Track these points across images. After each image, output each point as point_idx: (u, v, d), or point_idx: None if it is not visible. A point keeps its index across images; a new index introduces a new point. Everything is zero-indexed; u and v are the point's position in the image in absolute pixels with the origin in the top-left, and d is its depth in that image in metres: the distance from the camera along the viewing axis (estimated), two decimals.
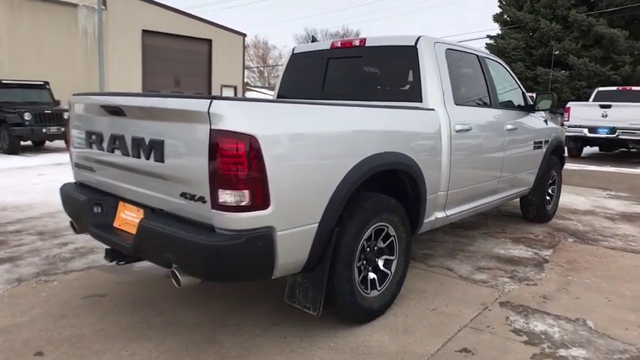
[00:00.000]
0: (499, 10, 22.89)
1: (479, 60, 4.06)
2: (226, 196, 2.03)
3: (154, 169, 2.30)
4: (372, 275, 2.84)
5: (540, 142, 4.84)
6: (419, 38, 3.43)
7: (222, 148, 2.00)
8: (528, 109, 4.66)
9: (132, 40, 22.25)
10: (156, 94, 2.34)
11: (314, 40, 4.49)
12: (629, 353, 2.56)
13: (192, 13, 24.81)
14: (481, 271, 3.74)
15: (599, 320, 2.93)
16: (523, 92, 4.73)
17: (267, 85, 50.97)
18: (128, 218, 2.63)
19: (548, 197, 5.33)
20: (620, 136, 10.87)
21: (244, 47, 29.28)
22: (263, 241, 2.13)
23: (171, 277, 2.21)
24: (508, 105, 4.38)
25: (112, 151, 2.58)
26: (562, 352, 2.55)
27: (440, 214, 3.46)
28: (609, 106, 10.85)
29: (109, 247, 2.74)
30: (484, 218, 5.52)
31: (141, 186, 2.47)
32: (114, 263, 2.86)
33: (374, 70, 3.77)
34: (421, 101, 3.32)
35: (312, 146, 2.32)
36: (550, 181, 5.32)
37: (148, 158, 2.33)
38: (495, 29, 23.22)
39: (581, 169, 10.39)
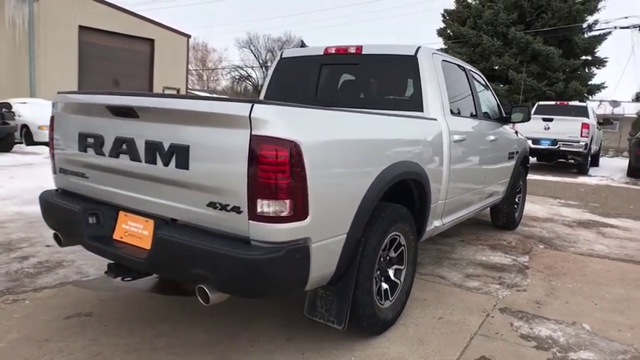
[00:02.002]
0: (443, 25, 23.93)
1: (465, 71, 4.17)
2: (266, 206, 1.91)
3: (175, 177, 2.12)
4: (384, 285, 2.79)
5: (513, 153, 5.05)
6: (419, 48, 3.46)
7: (264, 155, 1.88)
8: (503, 120, 4.85)
9: (67, 36, 20.88)
10: (180, 95, 2.16)
11: (303, 45, 4.40)
12: (630, 353, 2.69)
13: (134, 11, 23.76)
14: (471, 279, 3.82)
15: (593, 323, 3.07)
16: (499, 104, 4.92)
17: (206, 88, 49.88)
18: (132, 230, 2.40)
19: (515, 205, 5.57)
20: (561, 148, 11.68)
21: (188, 49, 28.47)
22: (301, 253, 2.02)
23: (197, 295, 2.03)
24: (488, 116, 4.53)
25: (116, 156, 2.35)
26: (572, 355, 2.64)
27: (437, 223, 3.49)
28: (551, 120, 11.64)
29: (112, 262, 2.48)
30: (457, 226, 5.64)
31: (153, 194, 2.26)
32: (117, 279, 2.59)
33: (372, 78, 3.75)
34: (422, 111, 3.34)
35: (345, 153, 2.25)
36: (517, 190, 5.57)
37: (166, 165, 2.14)
38: (439, 43, 24.21)
39: (528, 178, 11.00)
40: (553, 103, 13.11)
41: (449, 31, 23.30)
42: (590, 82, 19.83)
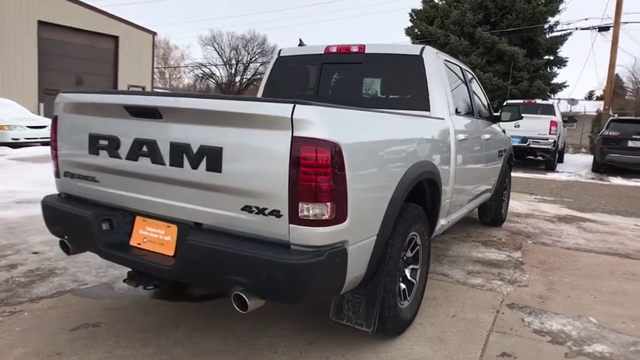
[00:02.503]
0: (411, 25, 24.26)
1: (462, 71, 4.23)
2: (308, 210, 1.86)
3: (205, 180, 2.03)
4: (402, 286, 2.79)
5: (502, 151, 5.17)
6: (424, 48, 3.47)
7: (306, 157, 1.83)
8: (493, 119, 4.95)
9: (25, 32, 19.91)
10: (212, 95, 2.07)
11: (301, 43, 4.34)
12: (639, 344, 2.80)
13: (97, 7, 22.90)
14: (473, 276, 3.88)
15: (598, 316, 3.17)
16: (489, 103, 5.02)
17: (168, 86, 48.69)
18: (153, 235, 2.29)
19: (501, 202, 5.71)
20: (531, 145, 12.08)
21: (154, 46, 27.73)
22: (340, 256, 1.99)
23: (232, 301, 1.96)
24: (482, 115, 4.62)
25: (135, 159, 2.24)
26: (587, 348, 2.71)
27: (443, 222, 3.53)
28: (521, 118, 11.98)
29: (131, 270, 2.36)
30: None
31: (177, 198, 2.17)
32: (138, 288, 2.45)
33: (376, 77, 3.74)
34: (429, 110, 3.36)
35: (377, 154, 2.23)
36: (504, 187, 5.71)
37: (195, 167, 2.05)
38: (407, 42, 24.53)
39: None
40: (521, 101, 13.54)
41: (417, 31, 23.67)
42: (552, 81, 20.63)
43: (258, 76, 46.06)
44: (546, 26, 20.27)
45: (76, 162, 2.52)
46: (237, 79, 46.95)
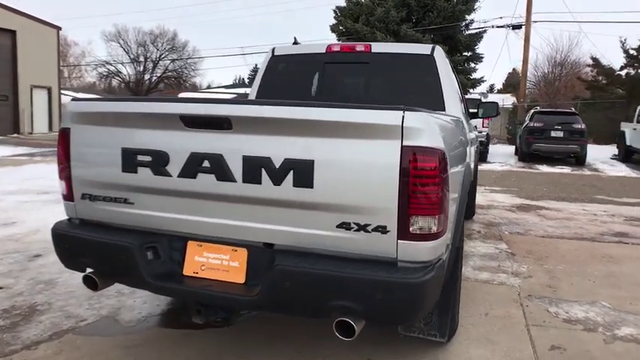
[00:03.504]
0: (335, 22, 24.55)
1: (453, 68, 4.29)
2: (418, 223, 1.74)
3: (293, 197, 1.82)
4: None
5: (477, 145, 5.36)
6: (434, 48, 3.46)
7: (417, 167, 1.71)
8: (472, 115, 5.11)
9: None
10: (299, 103, 1.84)
11: (296, 42, 4.13)
12: None
13: None
14: (479, 271, 3.96)
15: (606, 300, 3.38)
16: (465, 99, 5.18)
17: (68, 85, 44.86)
18: (213, 262, 2.02)
19: (472, 195, 5.93)
20: None
21: (59, 42, 25.35)
22: (442, 270, 1.89)
23: (334, 329, 1.78)
24: (466, 112, 4.73)
25: (192, 176, 1.95)
26: (618, 332, 2.88)
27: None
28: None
29: (198, 305, 2.05)
30: None
31: (249, 219, 1.93)
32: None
33: (385, 77, 3.65)
34: (444, 110, 3.35)
35: (455, 159, 2.15)
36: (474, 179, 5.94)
37: (278, 183, 1.83)
38: (333, 39, 24.82)
39: None
40: None
41: (342, 28, 24.01)
42: (472, 77, 22.03)
43: (170, 73, 44.10)
44: (465, 24, 21.54)
45: (102, 182, 2.16)
46: (147, 77, 44.53)
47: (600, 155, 15.55)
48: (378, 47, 3.57)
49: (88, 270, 2.20)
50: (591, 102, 21.78)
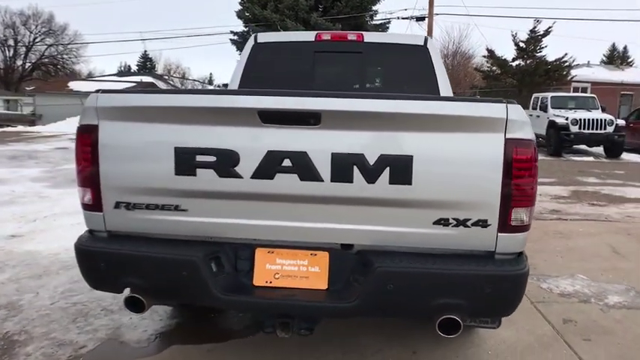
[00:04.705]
0: (240, 8, 23.84)
1: None
2: (517, 215, 1.75)
3: (389, 195, 1.72)
4: None
5: None
6: (426, 39, 3.50)
7: (520, 160, 1.71)
8: None
9: None
10: (397, 95, 1.72)
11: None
12: (634, 290, 3.39)
13: None
14: None
15: (582, 273, 3.74)
16: None
17: None
18: (289, 269, 1.86)
19: None
20: None
21: None
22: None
23: (437, 328, 1.73)
24: None
25: (270, 177, 1.76)
26: (607, 301, 3.20)
27: None
28: None
29: (279, 319, 1.83)
30: None
31: (334, 220, 1.79)
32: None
33: (378, 67, 3.62)
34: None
35: None
36: None
37: (372, 181, 1.72)
38: (239, 26, 24.15)
39: None
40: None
41: (248, 14, 23.41)
42: None
43: (46, 59, 39.72)
44: (370, 14, 22.21)
45: (146, 187, 1.85)
46: (19, 62, 39.79)
47: None
48: (370, 37, 3.52)
49: (127, 290, 1.90)
50: (487, 90, 23.86)
